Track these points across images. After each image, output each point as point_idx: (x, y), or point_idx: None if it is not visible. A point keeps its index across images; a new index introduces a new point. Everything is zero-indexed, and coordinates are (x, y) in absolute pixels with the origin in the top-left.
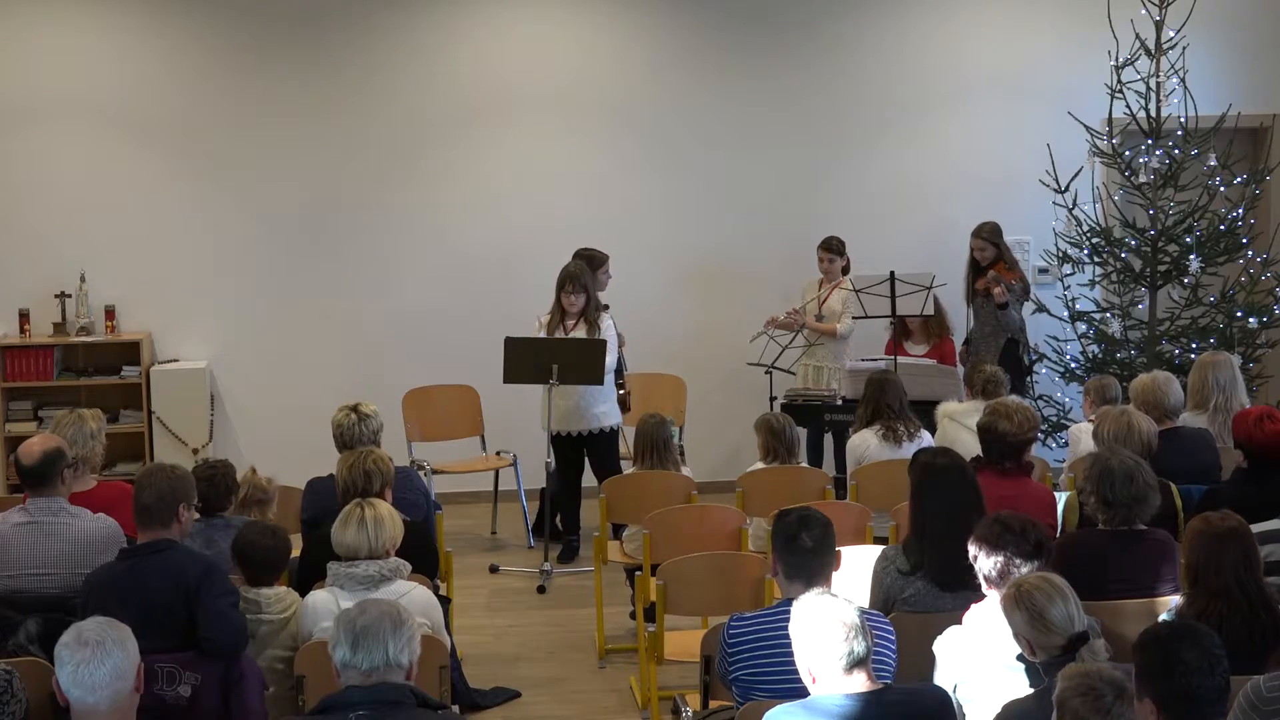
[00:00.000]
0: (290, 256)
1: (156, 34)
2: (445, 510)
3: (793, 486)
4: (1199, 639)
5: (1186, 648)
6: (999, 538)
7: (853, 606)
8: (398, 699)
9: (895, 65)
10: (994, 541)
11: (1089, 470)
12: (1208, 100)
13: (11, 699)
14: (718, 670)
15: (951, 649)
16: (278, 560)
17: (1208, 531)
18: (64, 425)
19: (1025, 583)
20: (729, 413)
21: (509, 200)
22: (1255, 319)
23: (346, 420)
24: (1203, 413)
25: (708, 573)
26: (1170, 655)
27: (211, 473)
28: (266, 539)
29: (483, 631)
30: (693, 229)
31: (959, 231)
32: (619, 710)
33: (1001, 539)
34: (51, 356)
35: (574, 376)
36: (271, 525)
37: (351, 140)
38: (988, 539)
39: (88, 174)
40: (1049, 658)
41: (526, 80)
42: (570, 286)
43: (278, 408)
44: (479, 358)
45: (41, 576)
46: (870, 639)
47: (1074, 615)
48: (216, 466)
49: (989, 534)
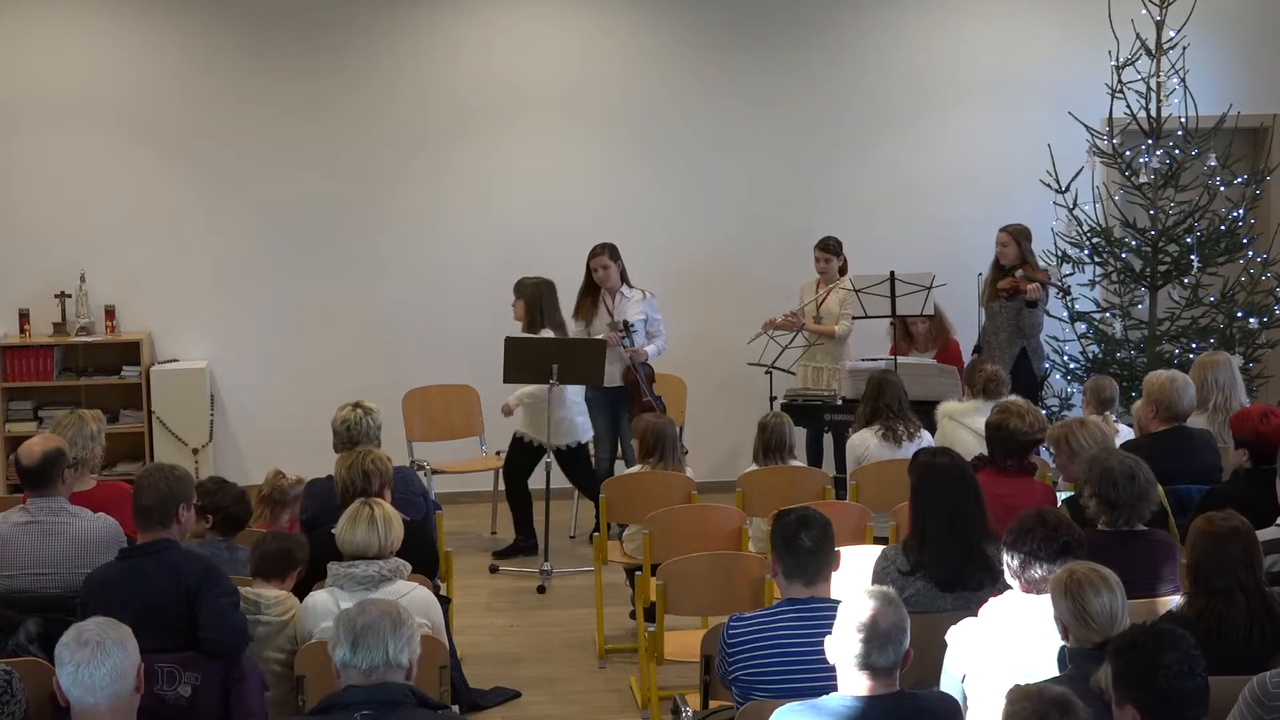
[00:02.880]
0: (290, 256)
1: (156, 34)
2: (445, 510)
3: (792, 486)
4: (1177, 642)
5: (1165, 651)
6: (1029, 531)
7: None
8: (398, 699)
9: (896, 65)
10: (1024, 534)
11: (1088, 472)
12: (1208, 100)
13: (11, 699)
14: (717, 670)
15: (964, 639)
16: (287, 557)
17: (1210, 531)
18: (64, 426)
19: (1077, 570)
20: (729, 413)
21: (509, 200)
22: (1255, 319)
23: (352, 416)
24: (1202, 412)
25: (708, 573)
26: (1151, 660)
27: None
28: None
29: (483, 631)
30: (693, 229)
31: (959, 231)
32: (619, 710)
33: (1032, 532)
34: (51, 356)
35: (574, 376)
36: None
37: (352, 140)
38: (1019, 530)
39: (88, 174)
40: (1079, 648)
41: (527, 80)
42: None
43: (278, 408)
44: (479, 358)
45: (41, 576)
46: (896, 655)
47: (1117, 613)
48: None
49: (1022, 525)
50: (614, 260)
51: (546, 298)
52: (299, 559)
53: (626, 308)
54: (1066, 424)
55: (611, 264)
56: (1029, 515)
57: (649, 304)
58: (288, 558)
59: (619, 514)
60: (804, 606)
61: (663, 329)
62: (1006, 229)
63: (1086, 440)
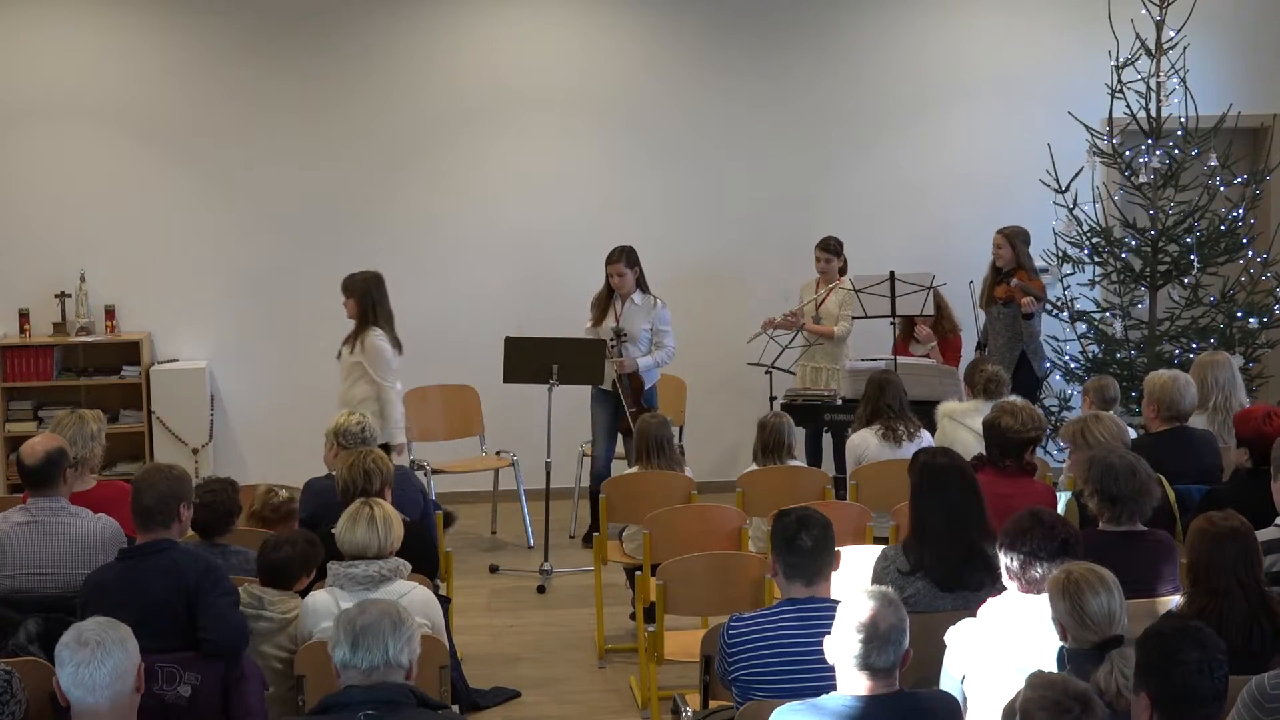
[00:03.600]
0: (290, 256)
1: (157, 33)
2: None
3: (792, 486)
4: (1203, 640)
5: (1190, 647)
6: (1026, 531)
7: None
8: (398, 699)
9: (896, 65)
10: (1020, 534)
11: (1089, 470)
12: (1208, 100)
13: (11, 699)
14: (717, 671)
15: (963, 640)
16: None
17: (1209, 531)
18: (64, 425)
19: (1075, 570)
20: (729, 413)
21: (509, 200)
22: (1255, 319)
23: (349, 421)
24: (1203, 412)
25: (708, 573)
26: (1172, 653)
27: (211, 497)
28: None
29: (482, 631)
30: (693, 229)
31: (959, 232)
32: (619, 710)
33: (1029, 533)
34: (51, 356)
35: (574, 376)
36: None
37: (352, 140)
38: (1014, 531)
39: (88, 174)
40: (1078, 648)
41: (527, 80)
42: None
43: (278, 407)
44: (479, 358)
45: (41, 576)
46: (895, 656)
47: (1115, 614)
48: (217, 490)
49: (1018, 526)
50: (630, 267)
51: (376, 291)
52: (298, 573)
53: (633, 315)
54: (1081, 419)
55: (627, 271)
56: (1023, 516)
57: (658, 313)
58: (286, 570)
59: (619, 514)
60: (804, 606)
61: (670, 339)
62: (1002, 231)
63: (1102, 435)
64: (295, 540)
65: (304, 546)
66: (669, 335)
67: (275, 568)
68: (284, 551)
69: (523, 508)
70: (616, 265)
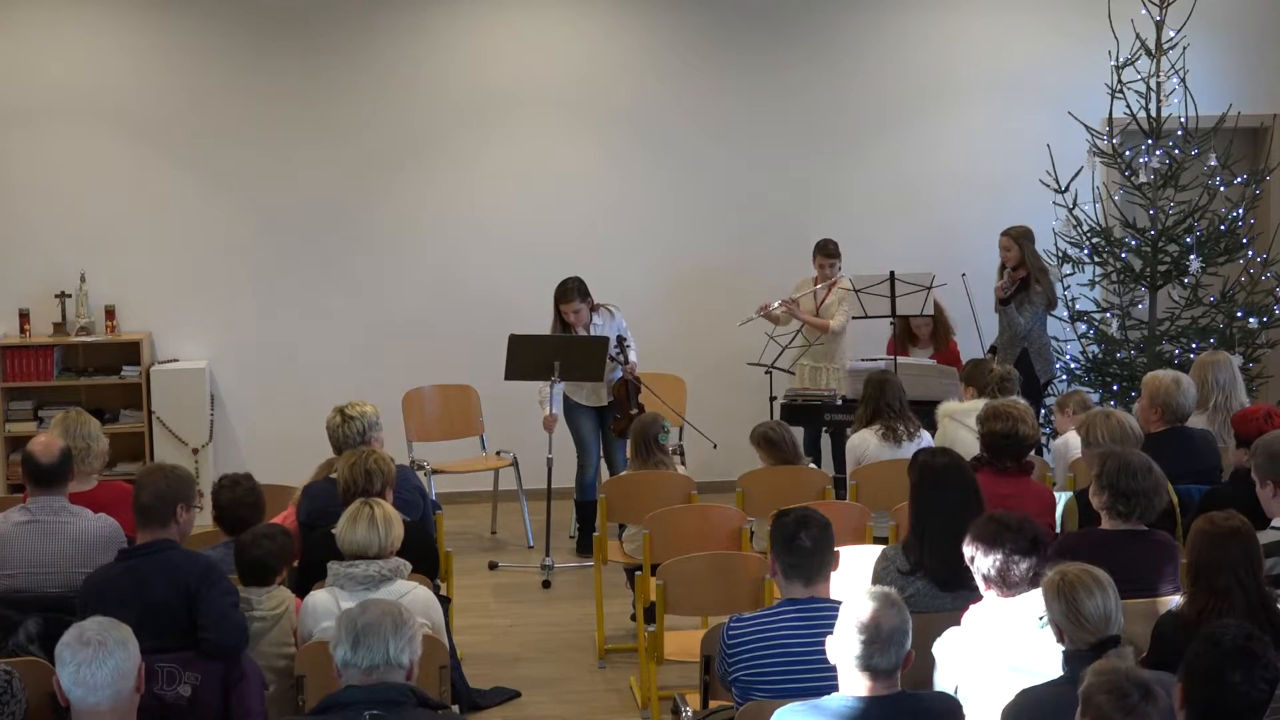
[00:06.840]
0: (290, 256)
1: (157, 34)
2: (445, 510)
3: (793, 486)
4: (1252, 667)
5: (1238, 670)
6: (996, 535)
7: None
8: (398, 699)
9: (896, 65)
10: (991, 540)
11: (1103, 466)
12: (1208, 100)
13: (11, 699)
14: (717, 671)
15: (951, 650)
16: (272, 562)
17: (1210, 531)
18: (67, 425)
19: (1069, 572)
20: (729, 413)
21: (509, 200)
22: (1255, 319)
23: (333, 422)
24: (1203, 412)
25: (708, 573)
26: (1217, 669)
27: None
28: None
29: (483, 631)
30: (693, 229)
31: (959, 232)
32: (619, 710)
33: (999, 536)
34: (51, 356)
35: (575, 373)
36: (269, 529)
37: (352, 140)
38: (984, 537)
39: (88, 174)
40: (1075, 650)
41: (527, 80)
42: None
43: (278, 408)
44: (478, 358)
45: (42, 576)
46: (897, 657)
47: (1111, 614)
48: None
49: (985, 532)
50: (583, 299)
51: None
52: (278, 566)
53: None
54: (1091, 415)
55: (582, 305)
56: (986, 523)
57: (618, 322)
58: (266, 566)
59: (619, 514)
60: (804, 606)
61: (633, 340)
62: (1008, 232)
63: (1107, 433)
64: (272, 534)
65: (281, 539)
66: (630, 336)
67: (256, 565)
68: (263, 547)
69: (523, 507)
70: (572, 304)
